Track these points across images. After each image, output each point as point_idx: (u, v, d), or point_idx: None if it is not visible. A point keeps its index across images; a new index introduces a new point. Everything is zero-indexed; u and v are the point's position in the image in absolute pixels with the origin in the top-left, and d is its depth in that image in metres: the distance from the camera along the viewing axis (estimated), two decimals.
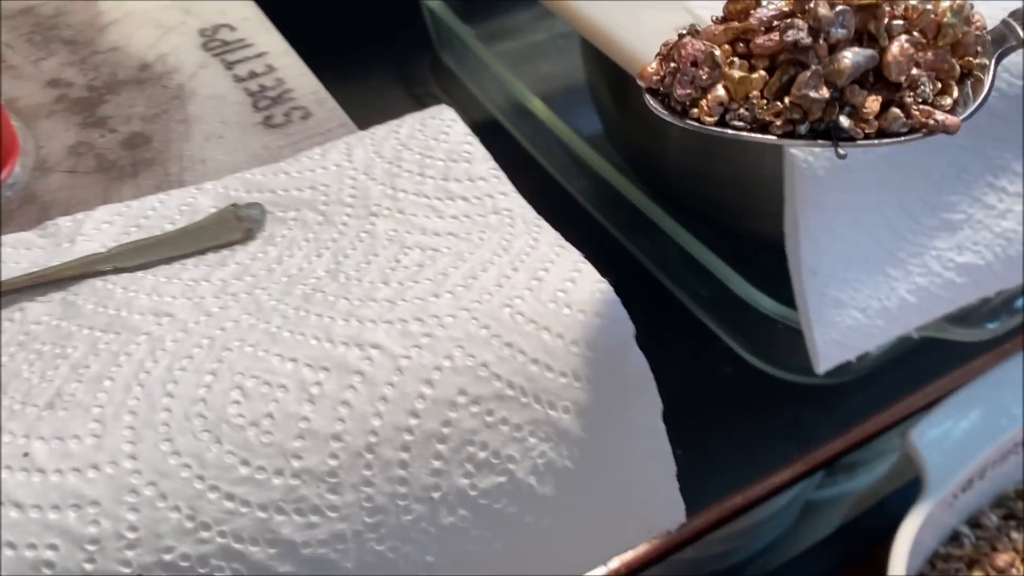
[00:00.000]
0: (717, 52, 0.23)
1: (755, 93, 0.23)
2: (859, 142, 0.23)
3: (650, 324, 0.32)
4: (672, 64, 0.24)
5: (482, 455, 0.29)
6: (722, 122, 0.24)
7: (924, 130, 0.23)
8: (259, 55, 0.42)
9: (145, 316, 0.30)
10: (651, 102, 0.24)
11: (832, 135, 0.23)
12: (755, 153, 0.39)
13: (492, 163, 0.36)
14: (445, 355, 0.29)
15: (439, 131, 0.37)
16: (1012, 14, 0.25)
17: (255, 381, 0.28)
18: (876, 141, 0.23)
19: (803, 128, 0.23)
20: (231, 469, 0.27)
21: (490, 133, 0.71)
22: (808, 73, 0.23)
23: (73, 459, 0.26)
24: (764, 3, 0.24)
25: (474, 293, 0.30)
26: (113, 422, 0.27)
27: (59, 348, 0.29)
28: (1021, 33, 0.25)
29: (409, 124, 0.37)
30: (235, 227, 0.33)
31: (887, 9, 0.23)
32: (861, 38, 0.23)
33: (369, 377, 0.28)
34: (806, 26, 0.23)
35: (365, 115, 0.40)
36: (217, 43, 0.42)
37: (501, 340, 0.29)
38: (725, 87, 0.23)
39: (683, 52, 0.23)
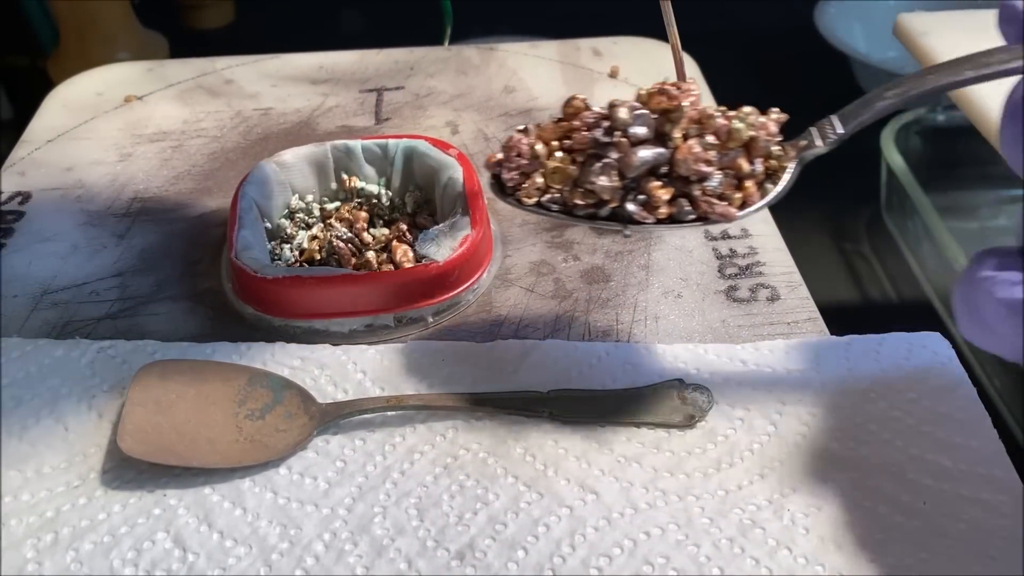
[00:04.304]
0: (538, 146, 0.27)
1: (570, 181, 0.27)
2: (645, 224, 0.27)
3: None
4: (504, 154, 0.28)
5: None
6: (542, 203, 0.28)
7: (707, 219, 0.27)
8: None
9: (571, 485, 0.28)
10: (491, 183, 0.28)
11: (620, 218, 0.27)
12: None
13: (989, 425, 0.30)
14: None
15: (927, 364, 0.32)
16: (817, 124, 0.27)
17: None
18: (660, 225, 0.27)
19: (604, 211, 0.27)
20: None
21: (920, 318, 0.64)
22: (599, 164, 0.26)
23: None
24: (592, 107, 0.27)
25: None
26: None
27: (481, 489, 0.28)
28: (817, 140, 0.27)
29: (892, 345, 0.33)
30: (677, 408, 0.31)
31: (689, 115, 0.26)
32: (664, 139, 0.26)
33: None
34: (606, 125, 0.26)
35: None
36: None
37: None
38: (543, 175, 0.27)
39: (510, 144, 0.28)
